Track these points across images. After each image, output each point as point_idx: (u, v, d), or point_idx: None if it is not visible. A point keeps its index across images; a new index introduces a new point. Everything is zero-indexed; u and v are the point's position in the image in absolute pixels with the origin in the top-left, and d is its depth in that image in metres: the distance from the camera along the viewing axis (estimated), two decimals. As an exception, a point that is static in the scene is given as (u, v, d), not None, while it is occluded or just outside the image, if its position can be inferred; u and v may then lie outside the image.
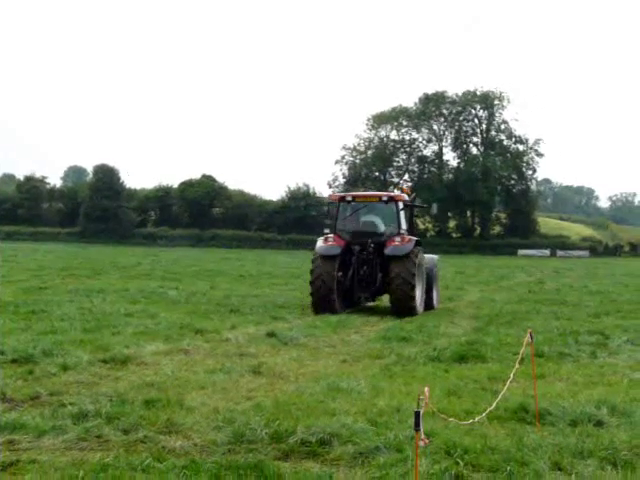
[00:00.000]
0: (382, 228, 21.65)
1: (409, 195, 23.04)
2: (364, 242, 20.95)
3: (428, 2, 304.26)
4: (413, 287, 19.99)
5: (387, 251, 20.51)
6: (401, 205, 21.72)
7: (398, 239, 20.68)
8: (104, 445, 7.36)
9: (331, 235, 21.00)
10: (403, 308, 20.00)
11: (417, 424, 4.90)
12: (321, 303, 19.99)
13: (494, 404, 7.37)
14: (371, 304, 22.44)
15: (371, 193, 26.66)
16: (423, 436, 4.96)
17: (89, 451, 7.18)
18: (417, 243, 20.95)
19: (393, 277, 20.10)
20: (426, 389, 5.34)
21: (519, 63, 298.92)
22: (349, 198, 22.03)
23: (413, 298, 20.03)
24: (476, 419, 7.11)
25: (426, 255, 22.12)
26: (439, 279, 24.51)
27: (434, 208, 42.09)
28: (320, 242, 20.93)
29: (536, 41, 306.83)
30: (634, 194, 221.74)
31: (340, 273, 20.56)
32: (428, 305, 21.75)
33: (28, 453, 7.03)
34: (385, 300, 22.66)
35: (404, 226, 21.67)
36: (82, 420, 7.98)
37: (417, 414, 4.90)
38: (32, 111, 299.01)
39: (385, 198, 21.85)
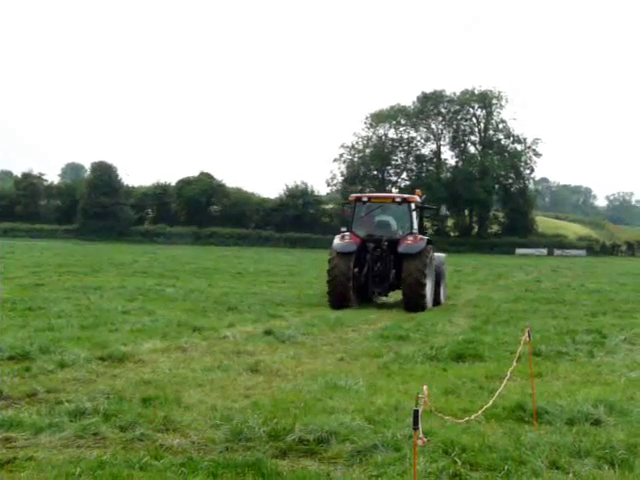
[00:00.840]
0: (395, 228, 22.98)
1: (420, 197, 23.98)
2: (378, 240, 22.22)
3: (427, 2, 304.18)
4: (424, 284, 21.11)
5: (400, 249, 21.67)
6: (413, 206, 22.97)
7: (411, 238, 21.91)
8: (101, 443, 7.34)
9: (347, 233, 22.13)
10: (414, 303, 20.99)
11: (416, 423, 4.89)
12: (338, 297, 21.15)
13: (490, 402, 7.37)
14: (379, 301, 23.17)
15: (386, 195, 28.18)
16: (421, 435, 4.95)
17: (86, 449, 7.16)
18: (428, 242, 22.19)
19: (406, 274, 21.19)
20: (425, 388, 5.33)
21: (517, 63, 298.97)
22: (365, 199, 23.34)
23: (424, 294, 21.13)
24: (472, 417, 7.11)
25: (436, 254, 23.19)
26: (446, 276, 25.53)
27: (443, 209, 43.07)
28: (337, 240, 22.01)
29: (534, 41, 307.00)
30: (631, 193, 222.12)
31: (356, 269, 21.74)
32: (436, 301, 22.76)
33: (25, 450, 7.02)
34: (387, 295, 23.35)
35: (416, 226, 22.89)
36: (79, 417, 7.96)
37: (416, 413, 4.89)
38: (30, 108, 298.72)
39: (399, 199, 23.18)
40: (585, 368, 11.89)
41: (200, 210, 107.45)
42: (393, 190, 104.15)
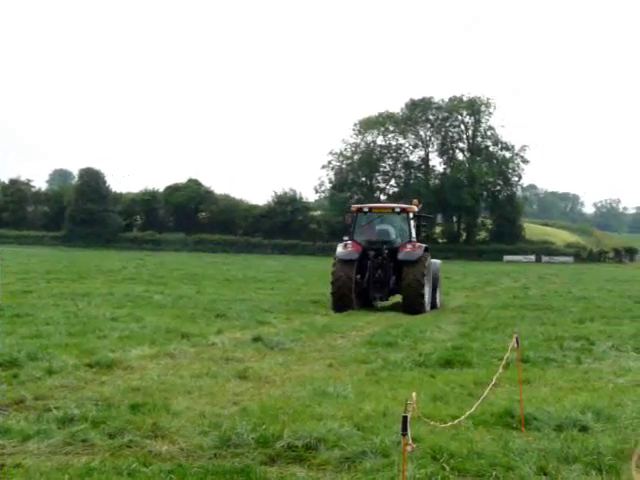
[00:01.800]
0: (395, 236, 24.20)
1: (417, 206, 25.07)
2: (379, 248, 23.51)
3: (416, 9, 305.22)
4: (423, 289, 22.34)
5: (400, 256, 22.93)
6: (411, 215, 24.19)
7: (409, 246, 23.15)
8: (90, 449, 7.33)
9: (350, 242, 23.32)
10: (414, 307, 22.20)
11: (404, 429, 4.90)
12: (340, 302, 22.32)
13: (474, 407, 7.40)
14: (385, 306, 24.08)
15: (385, 205, 29.81)
16: (410, 441, 4.97)
17: (74, 455, 7.15)
18: (425, 249, 23.33)
19: (405, 280, 22.44)
20: (413, 394, 5.35)
21: (504, 71, 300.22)
22: (366, 209, 24.71)
23: (422, 298, 22.36)
24: (455, 422, 7.12)
25: (432, 260, 24.38)
26: (442, 281, 26.93)
27: (438, 218, 44.67)
28: (340, 248, 23.23)
29: (520, 50, 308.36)
30: (619, 200, 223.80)
31: (358, 276, 23.00)
32: (433, 304, 23.96)
33: (13, 457, 6.99)
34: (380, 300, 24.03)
35: (414, 234, 24.01)
36: (67, 424, 7.94)
37: (404, 419, 4.90)
38: (19, 114, 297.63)
39: (398, 209, 24.55)
40: (573, 374, 11.93)
41: (188, 217, 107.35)
42: (381, 197, 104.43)
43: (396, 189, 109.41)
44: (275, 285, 33.45)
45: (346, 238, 23.71)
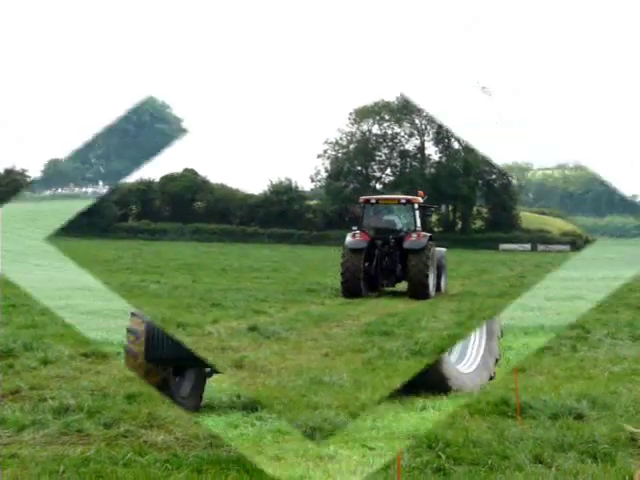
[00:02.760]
0: (401, 226, 25.69)
1: (422, 198, 26.24)
2: (386, 237, 24.78)
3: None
4: (427, 276, 23.50)
5: (406, 245, 24.09)
6: (416, 206, 25.62)
7: (414, 235, 24.44)
8: (85, 439, 7.33)
9: (358, 231, 24.61)
10: (419, 293, 23.34)
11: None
12: (349, 288, 23.44)
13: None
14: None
15: (392, 196, 30.91)
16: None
17: (70, 445, 7.14)
18: (430, 238, 24.54)
19: (411, 267, 23.57)
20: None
21: (500, 57, 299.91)
22: (373, 201, 26.29)
23: (427, 285, 23.50)
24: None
25: (436, 248, 25.35)
26: (447, 268, 27.78)
27: (442, 208, 46.33)
28: (349, 237, 24.51)
29: (515, 39, 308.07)
30: (614, 189, 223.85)
31: (366, 263, 24.18)
32: (438, 290, 24.91)
33: (8, 447, 6.99)
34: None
35: (419, 224, 25.39)
36: (63, 414, 7.94)
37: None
38: (12, 103, 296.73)
39: (403, 201, 26.12)
40: (568, 363, 11.94)
41: (184, 206, 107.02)
42: (377, 186, 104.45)
43: (392, 178, 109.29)
44: (271, 274, 33.38)
45: (355, 228, 24.85)
